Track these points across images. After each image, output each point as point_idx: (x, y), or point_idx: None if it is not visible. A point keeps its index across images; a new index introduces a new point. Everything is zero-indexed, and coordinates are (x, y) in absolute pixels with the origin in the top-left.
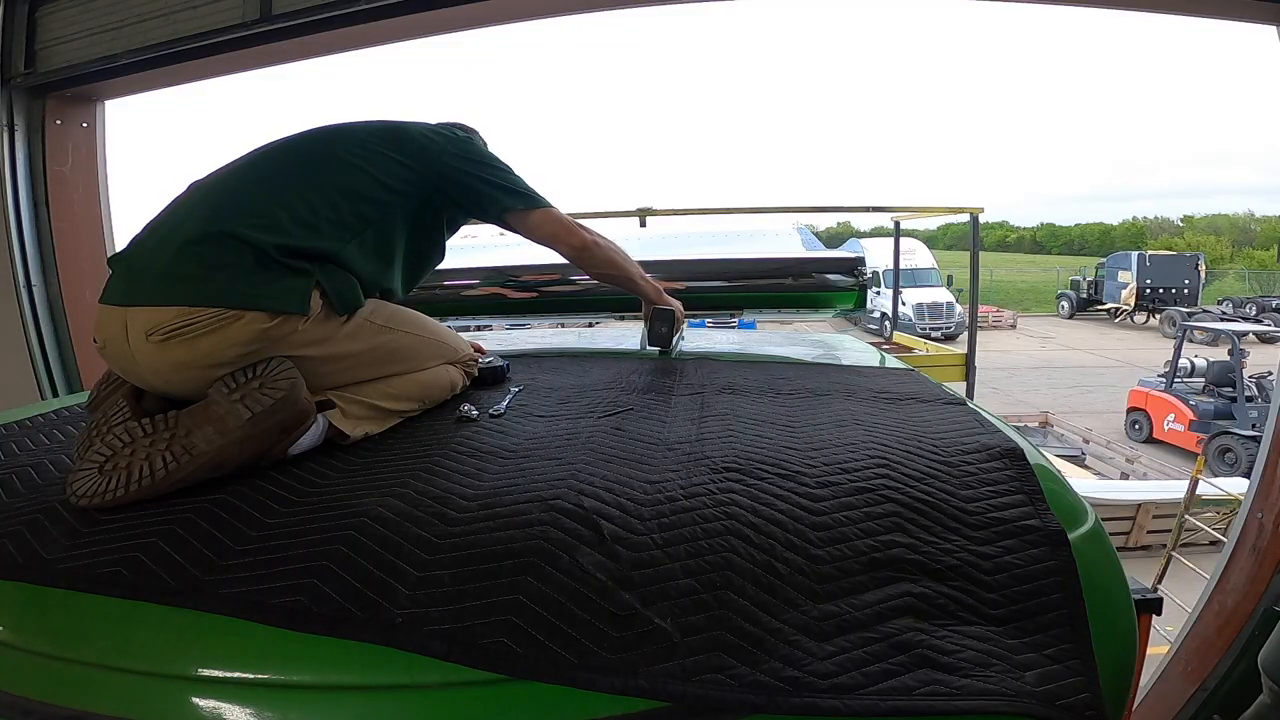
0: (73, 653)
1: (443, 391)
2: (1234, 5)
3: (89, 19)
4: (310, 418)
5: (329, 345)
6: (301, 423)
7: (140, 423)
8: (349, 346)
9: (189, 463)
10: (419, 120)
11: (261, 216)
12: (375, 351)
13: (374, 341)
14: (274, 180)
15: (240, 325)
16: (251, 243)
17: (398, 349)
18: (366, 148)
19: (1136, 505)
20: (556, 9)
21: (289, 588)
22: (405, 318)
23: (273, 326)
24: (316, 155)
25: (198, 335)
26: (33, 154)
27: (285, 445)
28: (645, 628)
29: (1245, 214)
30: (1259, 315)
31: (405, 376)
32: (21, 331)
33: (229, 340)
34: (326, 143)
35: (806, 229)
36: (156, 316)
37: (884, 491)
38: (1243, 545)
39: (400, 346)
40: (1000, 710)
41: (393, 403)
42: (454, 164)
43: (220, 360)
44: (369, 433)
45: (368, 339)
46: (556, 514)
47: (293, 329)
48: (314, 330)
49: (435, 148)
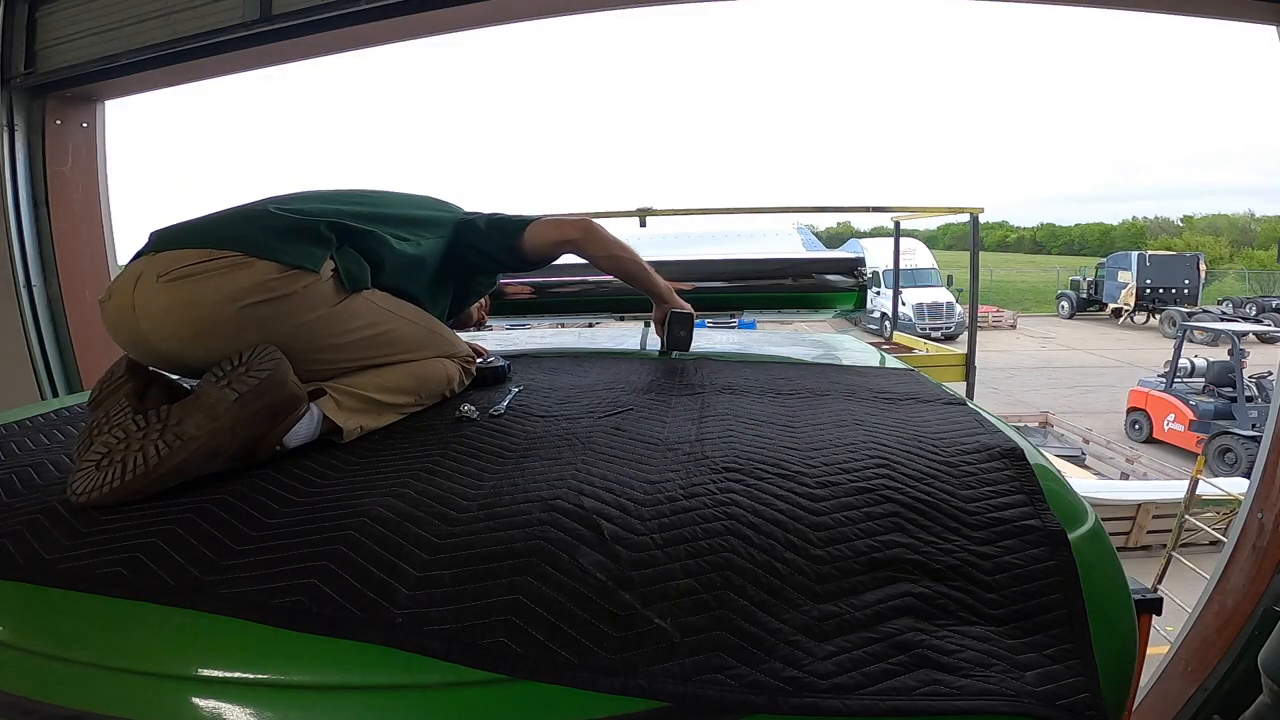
0: (73, 653)
1: (439, 385)
2: (1234, 5)
3: (89, 19)
4: (301, 404)
5: (328, 316)
6: (293, 407)
7: (135, 418)
8: (347, 322)
9: (180, 449)
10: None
11: (316, 202)
12: (372, 331)
13: (371, 319)
14: (341, 194)
15: (250, 272)
16: (297, 213)
17: (394, 334)
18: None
19: (1136, 505)
20: (557, 9)
21: (289, 588)
22: (407, 306)
23: (280, 279)
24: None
25: (208, 277)
26: (33, 154)
27: (279, 433)
28: (645, 628)
29: (1245, 214)
30: (1259, 315)
31: (399, 367)
32: (21, 331)
33: (235, 284)
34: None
35: (807, 229)
36: (178, 258)
37: (884, 491)
38: (1243, 545)
39: (397, 331)
40: (1000, 710)
41: (387, 395)
42: (469, 227)
43: (221, 306)
44: (364, 426)
45: (366, 317)
46: (556, 514)
47: (298, 287)
48: (317, 293)
49: (460, 214)
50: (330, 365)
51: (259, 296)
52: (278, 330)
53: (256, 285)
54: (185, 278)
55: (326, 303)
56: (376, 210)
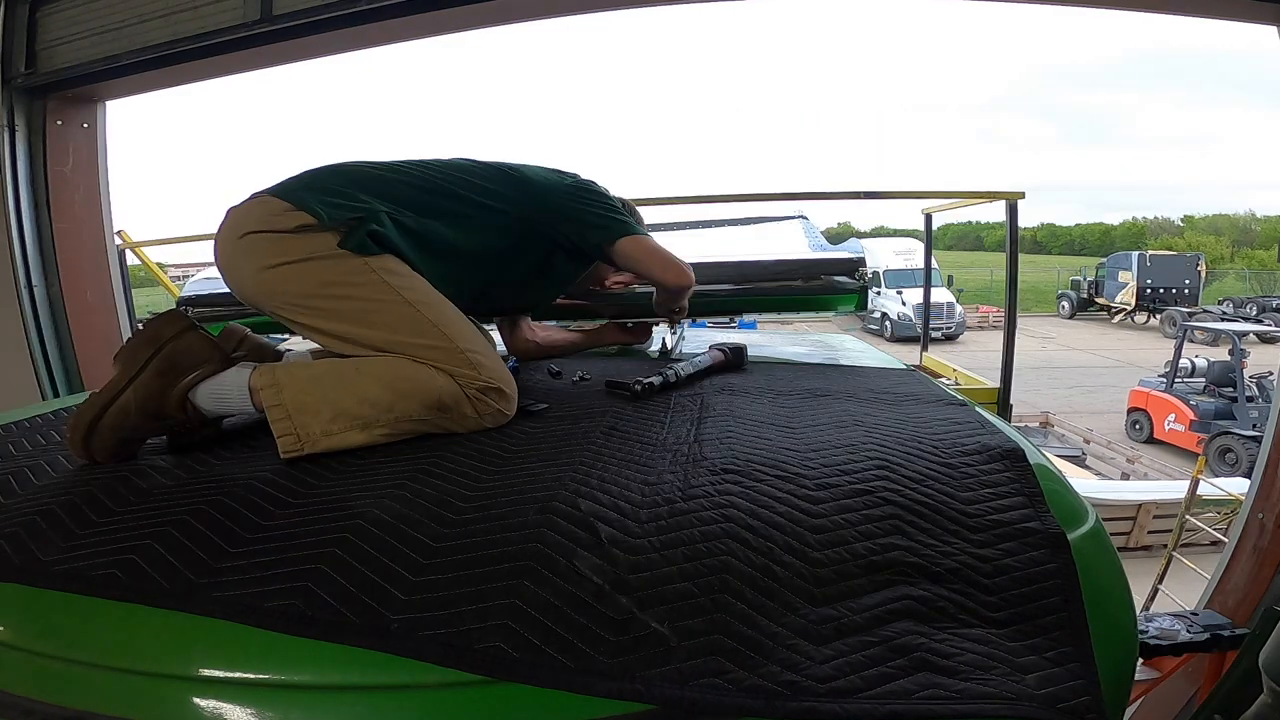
0: (73, 653)
1: (424, 398)
2: (1234, 5)
3: (90, 19)
4: (199, 365)
5: (317, 266)
6: (182, 364)
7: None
8: (330, 277)
9: (95, 399)
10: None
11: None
12: (357, 296)
13: (362, 288)
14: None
15: (265, 207)
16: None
17: (382, 311)
18: (488, 170)
19: (1137, 505)
20: (557, 9)
21: (283, 591)
22: (423, 292)
23: (281, 216)
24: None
25: (249, 209)
26: (33, 154)
27: (179, 389)
28: (642, 632)
29: (1246, 214)
30: (1259, 315)
31: (369, 372)
32: (22, 331)
33: (251, 215)
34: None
35: (808, 220)
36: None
37: (883, 494)
38: (1243, 545)
39: (386, 308)
40: (1000, 714)
41: (354, 402)
42: (562, 199)
43: (231, 231)
44: (309, 431)
45: (356, 279)
46: (553, 516)
47: (292, 225)
48: (313, 241)
49: (551, 183)
50: (303, 319)
51: (259, 227)
52: (262, 263)
53: (266, 216)
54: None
55: (317, 253)
56: (442, 187)
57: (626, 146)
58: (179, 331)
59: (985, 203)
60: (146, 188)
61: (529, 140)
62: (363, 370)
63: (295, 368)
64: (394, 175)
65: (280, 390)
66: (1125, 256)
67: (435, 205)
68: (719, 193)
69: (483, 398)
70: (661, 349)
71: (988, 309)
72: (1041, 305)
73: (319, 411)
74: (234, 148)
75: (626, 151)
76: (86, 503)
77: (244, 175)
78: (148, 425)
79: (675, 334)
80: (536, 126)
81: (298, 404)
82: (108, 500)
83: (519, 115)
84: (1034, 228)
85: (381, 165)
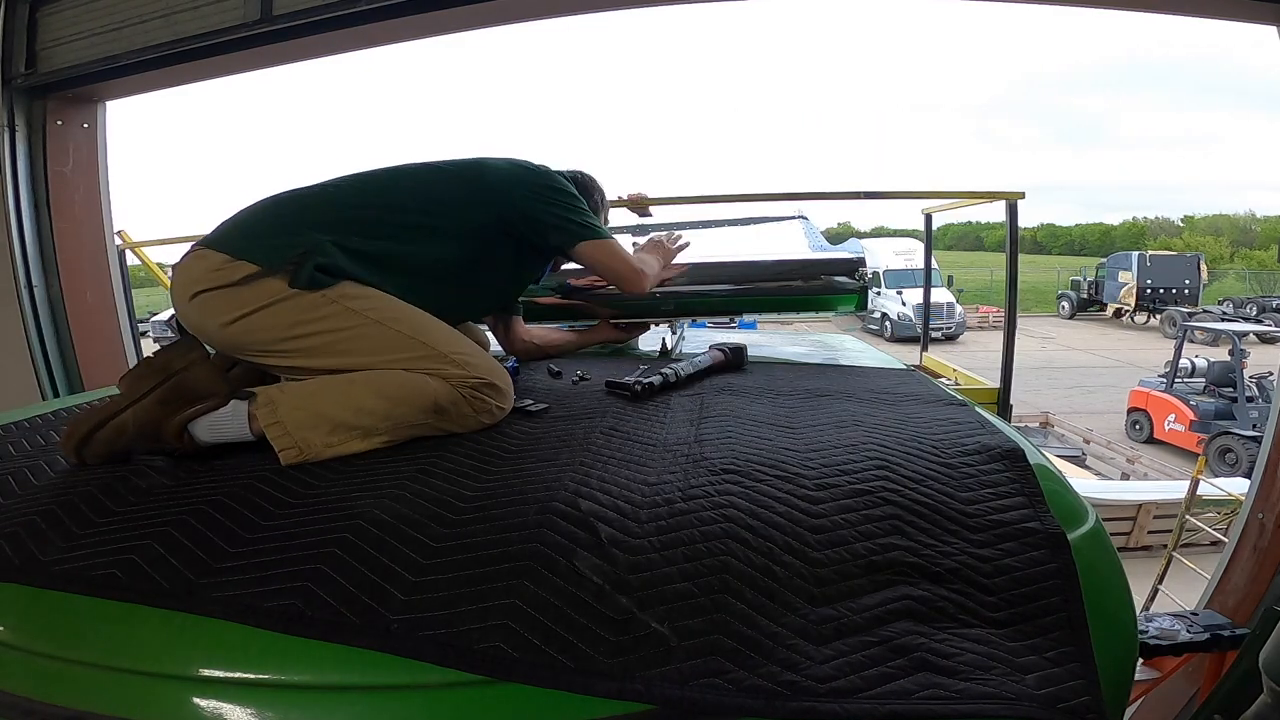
0: (73, 653)
1: (420, 403)
2: (1234, 5)
3: (90, 20)
4: (206, 399)
5: (278, 309)
6: (185, 399)
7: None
8: (294, 318)
9: (94, 412)
10: (505, 158)
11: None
12: (324, 330)
13: (325, 320)
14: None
15: (205, 262)
16: (286, 214)
17: (355, 338)
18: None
19: (1137, 505)
20: (558, 9)
21: (283, 591)
22: (392, 307)
23: (225, 269)
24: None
25: (191, 263)
26: (33, 154)
27: (175, 421)
28: (642, 632)
29: (1246, 214)
30: (1259, 315)
31: (363, 385)
32: (22, 331)
33: (193, 272)
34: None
35: (808, 220)
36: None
37: (883, 494)
38: (1243, 545)
39: (359, 335)
40: (1000, 714)
41: (351, 414)
42: (521, 200)
43: (184, 291)
44: (310, 444)
45: (319, 312)
46: (553, 516)
47: (237, 277)
48: (263, 287)
49: (511, 182)
50: (284, 363)
51: (206, 285)
52: (221, 320)
53: (207, 273)
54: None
55: (272, 298)
56: (388, 203)
57: (627, 146)
58: (189, 364)
59: (985, 203)
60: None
61: (529, 140)
62: (356, 382)
63: (290, 386)
64: (337, 199)
65: (276, 409)
66: (1125, 257)
67: (383, 223)
68: (719, 193)
69: (477, 395)
70: (661, 349)
71: (988, 309)
72: (1041, 305)
73: (317, 426)
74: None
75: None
76: (86, 503)
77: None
78: (142, 444)
79: (675, 334)
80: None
81: (295, 421)
82: (107, 500)
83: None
84: (1034, 228)
85: (320, 191)
